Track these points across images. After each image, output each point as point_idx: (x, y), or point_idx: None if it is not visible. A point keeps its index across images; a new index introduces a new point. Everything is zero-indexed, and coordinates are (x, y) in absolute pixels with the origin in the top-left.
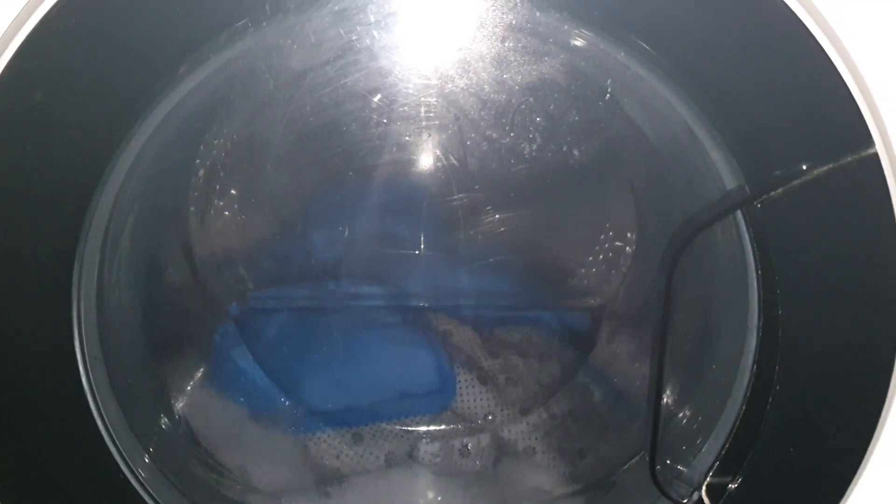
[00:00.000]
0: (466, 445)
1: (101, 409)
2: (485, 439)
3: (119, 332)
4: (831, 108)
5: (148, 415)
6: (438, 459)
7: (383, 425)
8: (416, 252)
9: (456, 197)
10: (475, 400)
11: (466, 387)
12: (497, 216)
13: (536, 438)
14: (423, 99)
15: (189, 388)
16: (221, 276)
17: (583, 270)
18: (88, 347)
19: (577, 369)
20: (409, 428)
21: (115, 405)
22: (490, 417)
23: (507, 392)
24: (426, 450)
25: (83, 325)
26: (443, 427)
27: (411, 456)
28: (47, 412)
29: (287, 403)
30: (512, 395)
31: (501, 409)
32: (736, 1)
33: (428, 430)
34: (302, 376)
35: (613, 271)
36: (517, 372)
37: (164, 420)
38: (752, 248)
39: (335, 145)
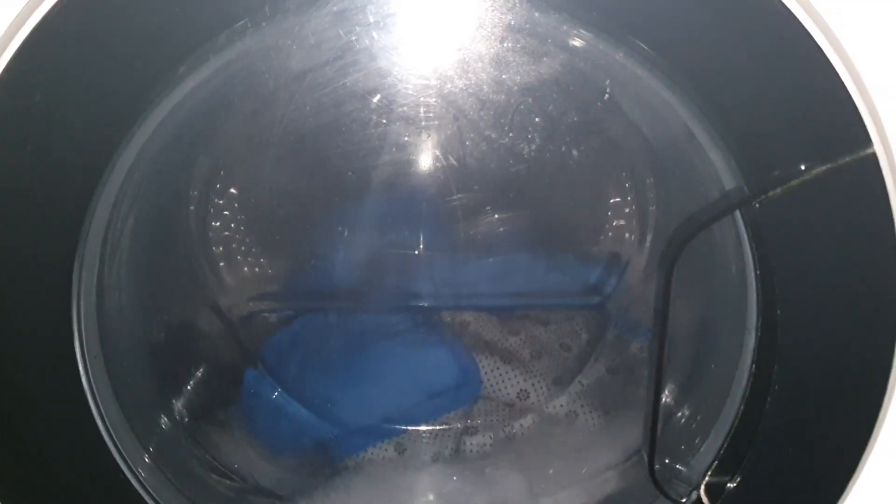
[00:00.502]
0: (511, 428)
1: (101, 409)
2: (528, 418)
3: (119, 332)
4: (830, 109)
5: (148, 415)
6: (487, 448)
7: (420, 430)
8: (416, 252)
9: (455, 197)
10: (504, 382)
11: (491, 371)
12: (496, 216)
13: (577, 403)
14: (422, 99)
15: (207, 414)
16: (229, 291)
17: (582, 270)
18: (88, 347)
19: (605, 328)
20: (448, 426)
21: (115, 405)
22: (525, 395)
23: (536, 365)
24: (472, 442)
25: (83, 325)
26: (480, 418)
27: (458, 452)
28: (47, 412)
29: (325, 431)
30: (541, 367)
31: (534, 385)
32: (735, 1)
33: (467, 424)
34: (332, 398)
35: (613, 270)
36: (540, 343)
37: (164, 420)
38: (751, 248)
39: (335, 146)
